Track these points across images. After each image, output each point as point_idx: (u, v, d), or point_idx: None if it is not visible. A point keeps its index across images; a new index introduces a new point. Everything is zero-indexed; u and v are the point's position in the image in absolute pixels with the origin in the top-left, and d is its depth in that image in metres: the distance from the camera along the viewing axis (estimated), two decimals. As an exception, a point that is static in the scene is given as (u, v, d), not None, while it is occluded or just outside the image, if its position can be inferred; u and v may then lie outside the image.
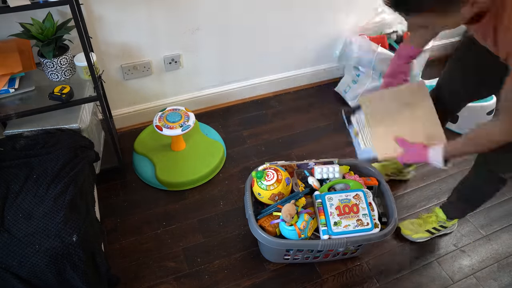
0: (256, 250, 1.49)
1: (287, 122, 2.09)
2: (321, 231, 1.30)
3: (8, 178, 1.20)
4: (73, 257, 1.10)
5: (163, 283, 1.39)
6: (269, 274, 1.43)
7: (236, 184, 1.75)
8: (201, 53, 1.91)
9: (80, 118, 1.46)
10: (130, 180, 1.75)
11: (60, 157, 1.26)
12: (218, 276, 1.42)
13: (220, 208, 1.65)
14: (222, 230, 1.56)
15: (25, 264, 1.04)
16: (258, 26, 1.94)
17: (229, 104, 2.18)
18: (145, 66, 1.82)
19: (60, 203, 1.13)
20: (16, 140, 1.32)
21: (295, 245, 1.29)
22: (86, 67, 1.39)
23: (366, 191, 1.37)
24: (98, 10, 1.56)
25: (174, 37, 1.79)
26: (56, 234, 1.08)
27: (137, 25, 1.68)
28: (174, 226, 1.57)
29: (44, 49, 1.32)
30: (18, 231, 1.08)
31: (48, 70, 1.39)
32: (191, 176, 1.70)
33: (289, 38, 2.06)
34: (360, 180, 1.45)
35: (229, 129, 2.03)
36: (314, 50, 2.19)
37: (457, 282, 1.45)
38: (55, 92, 1.34)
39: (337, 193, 1.37)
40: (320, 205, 1.34)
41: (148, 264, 1.44)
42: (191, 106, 2.08)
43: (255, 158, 1.87)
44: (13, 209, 1.12)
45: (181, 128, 1.65)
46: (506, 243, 1.58)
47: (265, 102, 2.21)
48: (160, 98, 1.99)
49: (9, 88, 1.34)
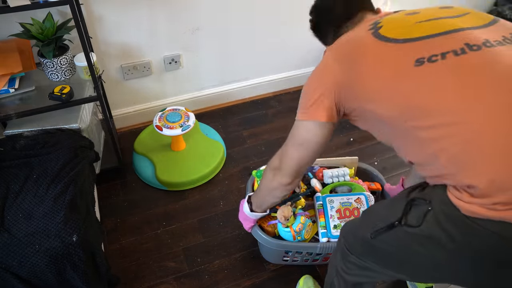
0: (256, 250, 1.49)
1: (287, 122, 2.08)
2: (320, 234, 1.29)
3: (8, 178, 1.20)
4: (73, 257, 1.10)
5: (163, 283, 1.39)
6: (269, 274, 1.43)
7: (236, 184, 1.75)
8: (201, 53, 1.91)
9: (80, 118, 1.46)
10: (130, 180, 1.75)
11: (60, 157, 1.26)
12: (218, 276, 1.42)
13: (220, 208, 1.65)
14: (222, 230, 1.56)
15: (25, 264, 1.04)
16: (258, 26, 1.94)
17: (229, 104, 2.18)
18: (145, 66, 1.82)
19: (60, 203, 1.13)
20: (16, 140, 1.32)
21: (292, 247, 1.29)
22: (86, 67, 1.39)
23: (368, 195, 1.36)
24: (98, 10, 1.56)
25: (174, 37, 1.79)
26: (56, 234, 1.08)
27: (137, 25, 1.68)
28: (174, 226, 1.57)
29: (44, 49, 1.32)
30: (18, 231, 1.07)
31: (48, 70, 1.39)
32: (191, 176, 1.70)
33: (289, 38, 2.06)
34: (364, 184, 1.44)
35: (229, 129, 2.03)
36: (314, 50, 2.19)
37: (457, 282, 1.45)
38: (55, 92, 1.34)
39: (339, 195, 1.36)
40: (321, 207, 1.34)
41: (148, 264, 1.44)
42: (191, 106, 2.08)
43: (255, 158, 1.87)
44: (13, 209, 1.12)
45: (181, 128, 1.65)
46: (506, 243, 1.58)
47: (265, 102, 2.21)
48: (160, 98, 1.99)
49: (9, 88, 1.34)
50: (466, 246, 0.69)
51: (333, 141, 1.98)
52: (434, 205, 0.73)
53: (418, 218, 0.75)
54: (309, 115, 0.90)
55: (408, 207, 0.78)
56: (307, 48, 2.16)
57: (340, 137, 2.00)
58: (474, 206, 0.66)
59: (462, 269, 0.73)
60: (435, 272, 0.77)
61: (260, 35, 1.98)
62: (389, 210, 0.85)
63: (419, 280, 1.05)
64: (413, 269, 0.84)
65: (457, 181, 0.69)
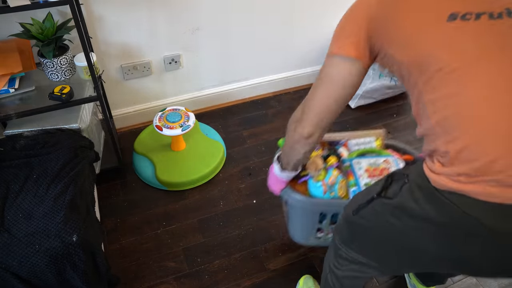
0: (256, 250, 1.49)
1: (287, 122, 2.08)
2: (351, 193, 1.20)
3: (8, 178, 1.20)
4: (73, 257, 1.10)
5: (163, 283, 1.39)
6: (269, 274, 1.43)
7: (236, 184, 1.75)
8: (201, 53, 1.91)
9: (80, 118, 1.46)
10: (130, 180, 1.75)
11: (60, 157, 1.26)
12: (218, 276, 1.42)
13: (220, 208, 1.65)
14: (222, 230, 1.56)
15: (25, 264, 1.04)
16: (258, 26, 1.94)
17: (229, 104, 2.18)
18: (145, 66, 1.82)
19: (60, 203, 1.13)
20: (16, 140, 1.32)
21: (327, 203, 1.18)
22: (86, 67, 1.39)
23: (397, 158, 1.24)
24: (98, 10, 1.56)
25: (174, 37, 1.79)
26: (56, 234, 1.08)
27: (137, 25, 1.68)
28: (174, 226, 1.57)
29: (44, 49, 1.32)
30: (18, 231, 1.08)
31: (48, 70, 1.39)
32: (191, 176, 1.70)
33: (289, 38, 2.06)
34: (394, 153, 1.32)
35: (229, 129, 2.03)
36: (314, 50, 2.19)
37: (457, 282, 1.44)
38: (55, 92, 1.34)
39: (365, 157, 1.26)
40: (348, 168, 1.23)
41: (148, 264, 1.44)
42: (191, 106, 2.08)
43: (255, 158, 1.87)
44: (13, 209, 1.12)
45: (181, 128, 1.65)
46: (506, 243, 1.58)
47: (265, 102, 2.21)
48: (160, 98, 1.99)
49: (9, 88, 1.34)
50: (434, 218, 0.71)
51: (333, 141, 1.98)
52: (410, 178, 0.77)
53: (395, 191, 0.78)
54: (337, 49, 0.83)
55: (388, 181, 0.81)
56: (307, 48, 2.16)
57: (340, 137, 2.00)
58: (442, 178, 0.69)
59: (430, 244, 0.75)
60: (406, 252, 0.81)
61: (260, 35, 1.98)
62: (372, 187, 0.88)
63: (390, 268, 1.02)
64: (385, 251, 0.86)
65: (437, 146, 0.71)
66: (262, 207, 1.66)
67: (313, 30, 2.08)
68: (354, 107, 2.17)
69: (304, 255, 1.49)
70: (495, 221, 0.66)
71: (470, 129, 0.66)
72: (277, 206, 1.66)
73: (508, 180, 0.63)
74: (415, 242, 0.77)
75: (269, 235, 1.55)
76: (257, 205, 1.66)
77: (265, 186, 1.73)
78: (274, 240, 1.54)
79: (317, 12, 2.01)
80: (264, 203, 1.67)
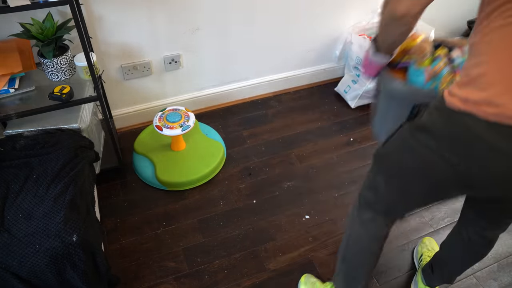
0: (256, 250, 1.49)
1: (287, 122, 2.09)
2: None
3: (8, 178, 1.20)
4: (73, 257, 1.10)
5: (163, 283, 1.39)
6: (269, 274, 1.43)
7: (236, 184, 1.75)
8: (201, 53, 1.91)
9: (80, 118, 1.46)
10: (130, 180, 1.75)
11: (60, 157, 1.26)
12: (218, 276, 1.42)
13: (220, 208, 1.65)
14: (222, 230, 1.56)
15: (25, 264, 1.04)
16: (258, 26, 1.94)
17: (229, 104, 2.18)
18: (145, 66, 1.82)
19: (60, 203, 1.13)
20: (16, 140, 1.32)
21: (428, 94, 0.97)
22: (86, 67, 1.39)
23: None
24: (98, 10, 1.56)
25: (174, 37, 1.79)
26: (56, 234, 1.08)
27: (137, 25, 1.68)
28: (174, 226, 1.57)
29: (44, 49, 1.32)
30: (18, 231, 1.08)
31: (48, 70, 1.39)
32: (191, 176, 1.70)
33: (289, 38, 2.06)
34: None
35: (229, 129, 2.03)
36: (314, 50, 2.20)
37: (457, 282, 1.45)
38: (55, 92, 1.34)
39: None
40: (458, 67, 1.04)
41: (148, 264, 1.44)
42: (191, 106, 2.08)
43: (255, 158, 1.88)
44: (13, 209, 1.12)
45: (181, 128, 1.65)
46: (506, 243, 1.58)
47: (265, 102, 2.21)
48: (160, 98, 1.99)
49: (9, 88, 1.34)
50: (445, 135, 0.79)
51: (333, 141, 1.98)
52: (432, 103, 0.84)
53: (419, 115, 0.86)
54: None
55: (415, 110, 0.89)
56: (307, 48, 2.16)
57: (340, 137, 2.00)
58: (455, 99, 0.76)
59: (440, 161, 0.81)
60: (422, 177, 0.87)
61: (260, 35, 1.98)
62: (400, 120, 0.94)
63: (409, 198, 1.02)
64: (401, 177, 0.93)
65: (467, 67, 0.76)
66: (262, 207, 1.66)
67: (313, 30, 2.08)
68: (354, 107, 2.17)
69: (304, 255, 1.49)
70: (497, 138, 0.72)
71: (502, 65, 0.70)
72: (277, 206, 1.66)
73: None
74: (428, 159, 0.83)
75: (269, 235, 1.55)
76: (257, 205, 1.66)
77: (265, 186, 1.74)
78: (274, 240, 1.54)
79: (317, 12, 2.01)
80: (264, 203, 1.67)
